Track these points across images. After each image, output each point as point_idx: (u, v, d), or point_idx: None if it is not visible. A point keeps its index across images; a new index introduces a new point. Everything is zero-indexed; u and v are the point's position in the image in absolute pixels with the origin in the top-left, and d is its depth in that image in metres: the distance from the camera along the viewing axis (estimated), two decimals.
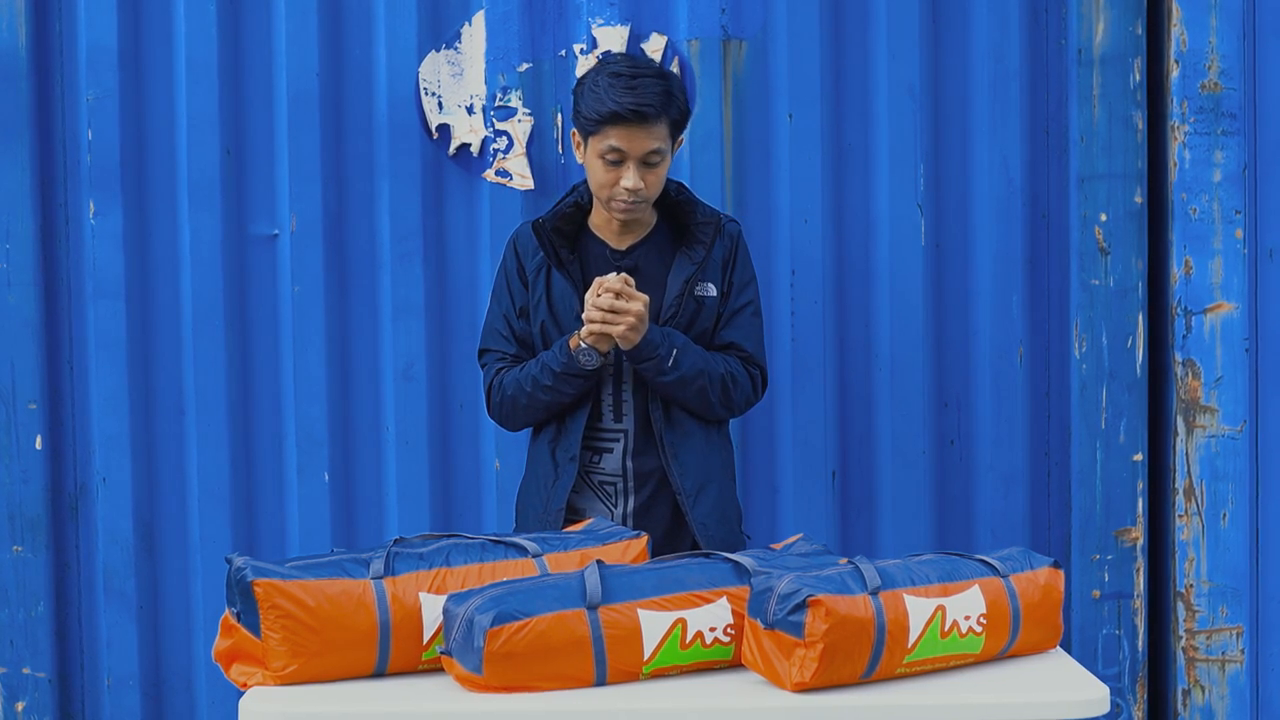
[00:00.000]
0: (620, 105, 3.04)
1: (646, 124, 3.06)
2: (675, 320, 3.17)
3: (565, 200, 3.25)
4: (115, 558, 3.77)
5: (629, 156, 3.08)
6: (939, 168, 3.76)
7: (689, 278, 3.18)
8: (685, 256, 3.20)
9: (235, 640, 2.58)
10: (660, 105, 3.06)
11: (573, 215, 3.22)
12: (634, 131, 3.06)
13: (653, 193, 3.14)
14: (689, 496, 3.18)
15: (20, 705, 3.75)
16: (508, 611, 2.44)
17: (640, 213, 3.17)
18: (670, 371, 3.11)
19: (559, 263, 3.18)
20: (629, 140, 3.06)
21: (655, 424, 3.18)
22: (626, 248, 3.22)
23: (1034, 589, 2.71)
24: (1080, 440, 3.74)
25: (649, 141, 3.07)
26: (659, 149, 3.09)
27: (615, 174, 3.09)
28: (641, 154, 3.08)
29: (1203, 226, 3.67)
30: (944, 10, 3.74)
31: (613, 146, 3.07)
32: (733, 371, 3.20)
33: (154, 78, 3.73)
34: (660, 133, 3.08)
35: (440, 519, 3.77)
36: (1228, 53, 3.65)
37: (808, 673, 2.46)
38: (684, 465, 3.19)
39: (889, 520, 3.78)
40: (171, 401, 3.77)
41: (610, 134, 3.07)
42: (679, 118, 3.13)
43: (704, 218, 3.22)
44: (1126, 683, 3.75)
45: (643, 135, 3.06)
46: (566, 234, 3.21)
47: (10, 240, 3.71)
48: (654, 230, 3.24)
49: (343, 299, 3.77)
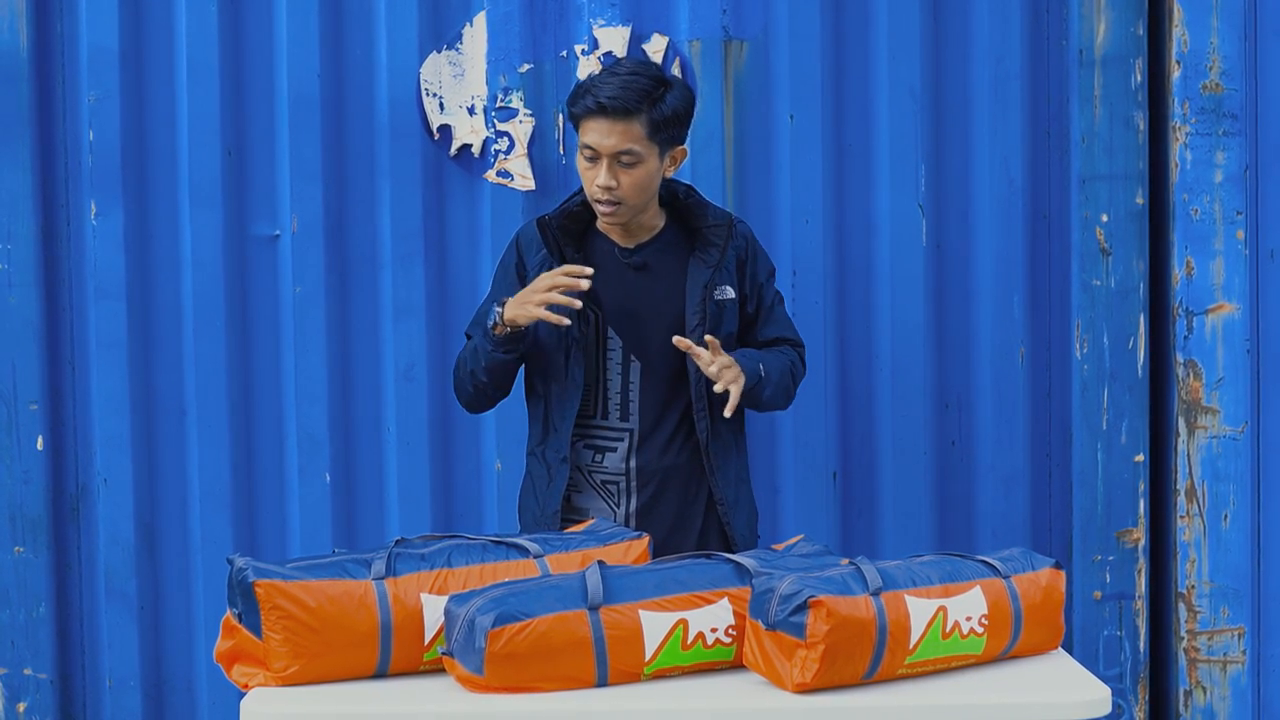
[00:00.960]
0: (592, 99, 3.02)
1: (616, 120, 3.01)
2: (701, 326, 3.16)
3: (573, 199, 3.23)
4: (116, 558, 3.77)
5: (600, 154, 3.05)
6: (940, 168, 3.76)
7: (707, 282, 3.17)
8: (700, 260, 3.18)
9: (236, 641, 2.58)
10: (633, 103, 3.00)
11: (580, 214, 3.20)
12: (604, 127, 3.02)
13: (629, 195, 3.07)
14: (730, 507, 3.22)
15: (22, 706, 3.75)
16: (509, 612, 2.44)
17: (622, 217, 3.12)
18: (767, 385, 3.16)
19: (562, 260, 3.17)
20: (599, 136, 3.03)
21: (700, 435, 3.18)
22: (635, 246, 3.21)
23: (1035, 590, 2.71)
24: (1081, 441, 3.74)
25: (620, 140, 3.02)
26: (632, 149, 3.03)
27: (593, 172, 3.07)
28: (611, 152, 3.03)
29: (1204, 227, 3.67)
30: (945, 11, 3.74)
31: (585, 144, 3.06)
32: (793, 360, 3.29)
33: (155, 78, 3.73)
34: (634, 133, 3.02)
35: (441, 519, 3.77)
36: (1229, 53, 3.65)
37: (809, 674, 2.45)
38: (725, 477, 3.23)
39: (890, 521, 3.78)
40: (172, 402, 3.77)
41: (585, 126, 3.05)
42: (660, 119, 3.04)
43: (715, 220, 3.20)
44: (1128, 684, 3.75)
45: (613, 132, 3.02)
46: (572, 232, 3.20)
47: (12, 241, 3.71)
48: (663, 231, 3.23)
49: (343, 299, 3.77)
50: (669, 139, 3.08)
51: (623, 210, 3.10)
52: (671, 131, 3.08)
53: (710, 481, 3.21)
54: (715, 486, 3.22)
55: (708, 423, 3.20)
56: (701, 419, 3.19)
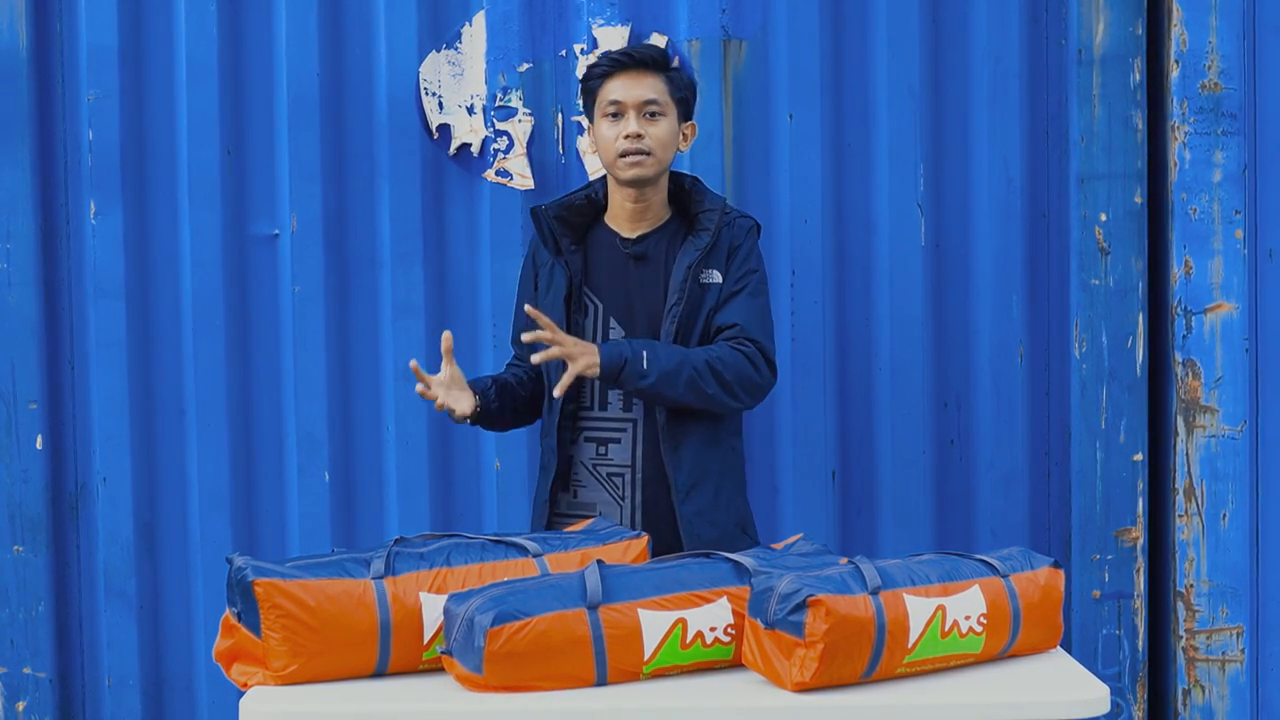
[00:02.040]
0: (612, 57, 3.17)
1: (641, 72, 3.15)
2: (680, 306, 3.16)
3: (577, 193, 3.27)
4: (116, 557, 3.77)
5: (627, 105, 3.13)
6: (939, 168, 3.76)
7: (692, 263, 3.17)
8: (690, 244, 3.20)
9: (236, 640, 2.58)
10: (653, 58, 3.16)
11: (583, 208, 3.24)
12: (629, 79, 3.14)
13: (658, 147, 3.15)
14: (680, 492, 3.15)
15: (21, 705, 3.76)
16: (508, 611, 2.45)
17: (649, 169, 3.15)
18: (650, 373, 3.05)
19: (557, 250, 3.18)
20: (625, 88, 3.14)
21: (658, 415, 3.15)
22: (637, 236, 3.22)
23: (1034, 589, 2.71)
24: (1080, 440, 3.74)
25: (645, 90, 3.14)
26: (655, 99, 3.14)
27: (618, 127, 3.15)
28: (638, 101, 3.13)
29: (1203, 226, 3.67)
30: (944, 10, 3.75)
31: (611, 100, 3.15)
32: (718, 355, 3.12)
33: (154, 78, 3.73)
34: (657, 85, 3.15)
35: (440, 519, 3.77)
36: (1228, 53, 3.65)
37: (808, 672, 2.46)
38: (679, 460, 3.15)
39: (889, 520, 3.78)
40: (172, 401, 3.77)
41: (608, 87, 3.16)
42: (678, 79, 3.19)
43: (710, 205, 3.22)
44: (1126, 682, 3.75)
45: (638, 84, 3.14)
46: (574, 224, 3.22)
47: (11, 240, 3.71)
48: (668, 222, 3.24)
49: (343, 299, 3.77)
50: (684, 104, 3.21)
51: (649, 162, 3.16)
52: (687, 97, 3.22)
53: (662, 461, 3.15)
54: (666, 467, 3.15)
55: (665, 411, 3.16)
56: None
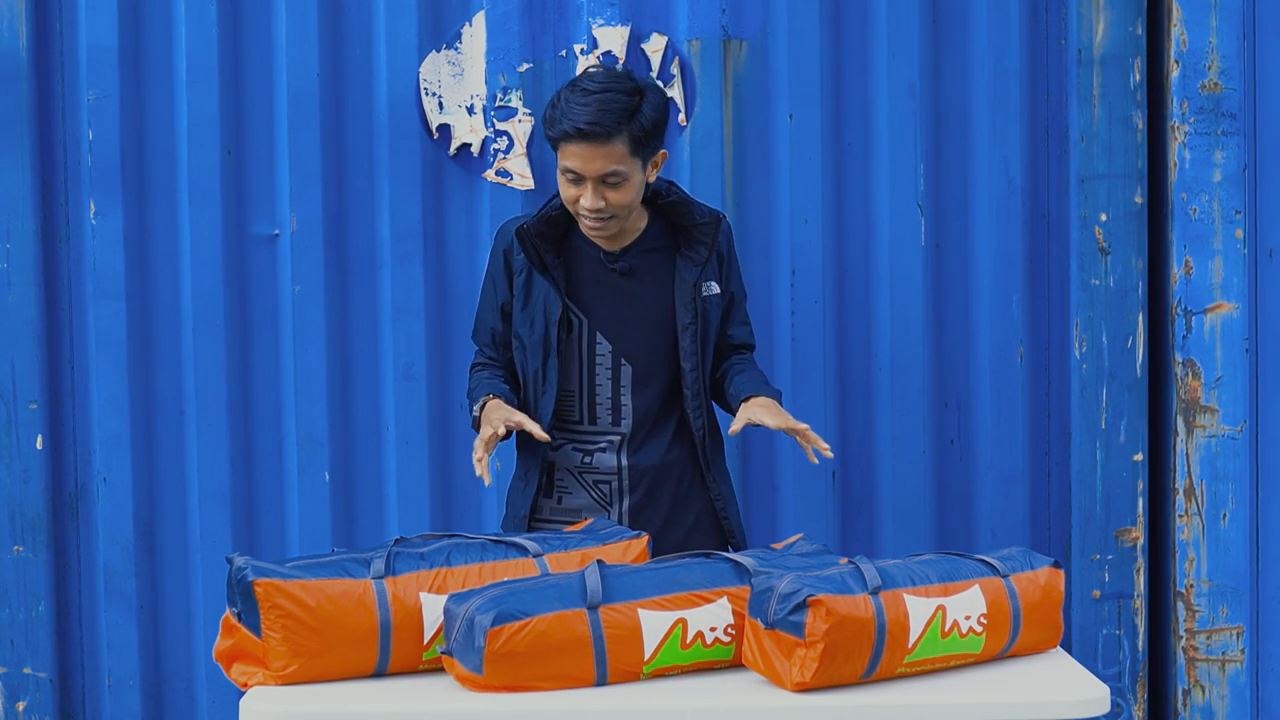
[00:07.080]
0: (570, 124, 2.95)
1: (598, 143, 2.95)
2: (694, 324, 3.16)
3: (550, 203, 3.18)
4: (115, 557, 3.77)
5: (585, 177, 3.00)
6: (939, 167, 3.76)
7: (696, 281, 3.17)
8: (687, 259, 3.17)
9: (236, 640, 2.58)
10: (613, 124, 2.95)
11: (558, 219, 3.16)
12: (586, 151, 2.96)
13: (620, 209, 3.05)
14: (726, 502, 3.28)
15: (21, 705, 3.75)
16: (508, 611, 2.45)
17: (611, 229, 3.10)
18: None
19: (542, 268, 3.14)
20: (582, 161, 2.98)
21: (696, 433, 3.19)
22: (619, 250, 3.19)
23: (1034, 589, 2.72)
24: (1080, 440, 3.74)
25: (604, 163, 2.97)
26: (617, 170, 2.98)
27: (577, 192, 3.03)
28: (597, 175, 2.99)
29: (1203, 226, 3.67)
30: (944, 10, 3.74)
31: (567, 168, 3.01)
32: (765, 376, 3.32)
33: (154, 78, 3.73)
34: (617, 153, 2.97)
35: (440, 519, 3.77)
36: (1228, 53, 3.65)
37: (808, 673, 2.46)
38: (720, 472, 3.27)
39: (889, 520, 3.78)
40: (172, 401, 3.77)
41: (565, 153, 3.00)
42: (641, 134, 2.98)
43: (702, 218, 3.18)
44: (1127, 683, 3.75)
45: (596, 156, 2.97)
46: (551, 238, 3.16)
47: (11, 240, 3.71)
48: (646, 232, 3.21)
49: (343, 299, 3.77)
50: (650, 151, 3.05)
51: (612, 223, 3.08)
52: (652, 143, 3.04)
53: (706, 477, 3.23)
54: (712, 483, 3.23)
55: (704, 420, 3.20)
56: (698, 416, 3.19)
